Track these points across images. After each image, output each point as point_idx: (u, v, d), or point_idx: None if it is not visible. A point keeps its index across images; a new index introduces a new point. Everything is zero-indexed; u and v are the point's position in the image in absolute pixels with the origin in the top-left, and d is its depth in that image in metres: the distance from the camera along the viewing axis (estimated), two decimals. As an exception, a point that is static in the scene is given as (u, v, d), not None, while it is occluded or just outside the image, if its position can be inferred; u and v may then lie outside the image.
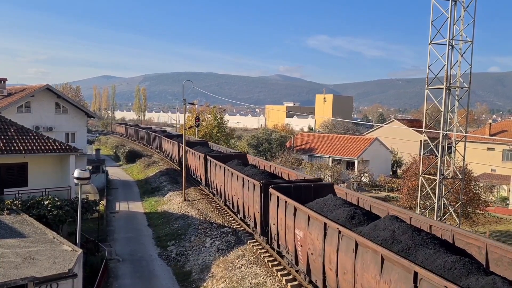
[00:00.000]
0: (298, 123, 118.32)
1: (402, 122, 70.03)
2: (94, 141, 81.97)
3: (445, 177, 24.86)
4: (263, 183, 19.00)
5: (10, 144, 20.79)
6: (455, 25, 23.73)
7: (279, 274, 17.17)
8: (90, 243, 22.07)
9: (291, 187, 18.05)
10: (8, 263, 12.32)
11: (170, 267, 21.19)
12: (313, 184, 18.74)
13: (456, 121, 25.12)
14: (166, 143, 50.23)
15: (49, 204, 19.42)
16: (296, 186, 18.27)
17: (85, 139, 37.41)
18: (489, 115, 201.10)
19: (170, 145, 47.48)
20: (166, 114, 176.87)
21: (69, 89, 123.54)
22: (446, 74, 23.32)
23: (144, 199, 35.96)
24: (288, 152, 51.95)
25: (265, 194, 18.65)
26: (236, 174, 23.21)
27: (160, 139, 54.21)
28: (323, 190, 18.36)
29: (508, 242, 26.74)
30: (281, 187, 17.91)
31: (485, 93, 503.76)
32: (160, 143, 54.32)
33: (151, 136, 61.55)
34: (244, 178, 21.65)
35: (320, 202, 16.12)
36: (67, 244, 14.24)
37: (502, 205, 41.70)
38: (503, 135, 50.72)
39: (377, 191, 46.31)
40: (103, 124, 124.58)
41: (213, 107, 68.23)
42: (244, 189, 21.68)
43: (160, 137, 54.79)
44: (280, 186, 18.07)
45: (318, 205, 15.84)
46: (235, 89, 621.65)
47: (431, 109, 28.58)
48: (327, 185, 19.45)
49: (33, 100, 32.53)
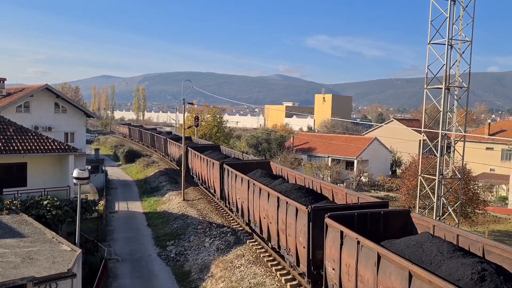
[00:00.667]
0: (298, 123, 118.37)
1: (401, 122, 70.13)
2: (93, 141, 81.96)
3: (444, 177, 24.89)
4: (312, 209, 14.20)
5: (9, 144, 20.78)
6: (454, 25, 23.76)
7: (278, 274, 17.18)
8: (89, 243, 22.08)
9: (354, 215, 13.32)
10: (7, 263, 12.31)
11: (170, 267, 21.20)
12: (382, 212, 13.83)
13: (455, 120, 25.14)
14: (172, 146, 45.86)
15: (48, 204, 19.42)
16: (361, 214, 13.44)
17: (84, 139, 37.41)
18: (488, 114, 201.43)
19: (177, 149, 42.34)
20: (165, 114, 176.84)
21: (68, 89, 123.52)
22: (445, 74, 23.34)
23: (144, 199, 35.95)
24: (288, 152, 51.96)
25: (315, 223, 13.99)
26: (267, 191, 18.25)
27: (166, 142, 49.90)
28: (396, 218, 13.80)
29: (507, 241, 26.79)
30: (341, 216, 13.14)
31: (484, 92, 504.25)
32: (165, 146, 50.23)
33: (156, 138, 57.50)
34: (280, 198, 16.75)
35: (412, 244, 11.32)
36: (66, 244, 14.23)
37: (501, 204, 41.74)
38: (502, 134, 50.77)
39: (376, 190, 46.34)
40: (103, 124, 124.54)
41: (212, 107, 68.20)
42: (280, 212, 16.74)
43: (165, 140, 50.56)
44: (340, 215, 13.23)
45: (410, 250, 11.13)
46: (234, 89, 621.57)
47: (430, 108, 28.59)
48: (402, 212, 14.33)
49: (32, 100, 32.52)
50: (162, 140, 52.84)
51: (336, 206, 15.81)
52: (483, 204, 30.18)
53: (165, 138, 51.02)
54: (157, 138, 56.76)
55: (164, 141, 51.16)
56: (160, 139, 54.04)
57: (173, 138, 47.51)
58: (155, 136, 58.14)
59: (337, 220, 12.68)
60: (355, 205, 15.28)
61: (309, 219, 14.13)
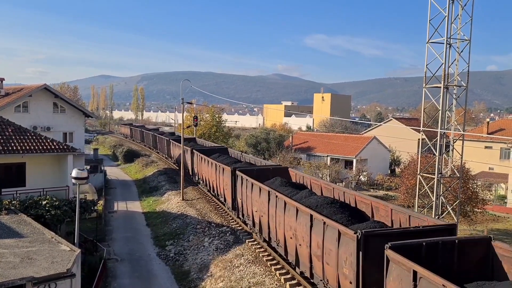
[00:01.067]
0: (297, 122, 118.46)
1: (400, 121, 70.24)
2: (92, 141, 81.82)
3: (443, 176, 24.90)
4: (363, 235, 11.07)
5: (8, 144, 20.75)
6: (452, 24, 23.76)
7: (277, 274, 17.17)
8: (88, 243, 22.06)
9: (422, 246, 10.24)
10: (6, 263, 12.29)
11: (169, 267, 21.18)
12: (457, 240, 10.74)
13: (454, 119, 25.16)
14: (175, 148, 43.08)
15: (47, 204, 19.40)
16: (430, 244, 10.36)
17: (83, 138, 37.34)
18: (487, 113, 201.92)
19: (181, 151, 37.19)
20: (164, 114, 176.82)
21: (67, 88, 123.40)
22: (444, 72, 23.33)
23: (143, 198, 35.93)
24: (287, 151, 51.99)
25: (366, 254, 11.03)
26: (295, 206, 15.22)
27: (169, 143, 47.10)
28: (473, 248, 10.71)
29: (506, 240, 26.82)
30: (406, 246, 10.15)
31: (483, 91, 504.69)
32: (168, 147, 47.83)
33: (158, 139, 54.92)
34: (315, 216, 13.72)
35: None
36: (65, 244, 14.22)
37: (500, 203, 41.81)
38: (501, 133, 50.85)
39: (375, 190, 46.38)
40: (101, 123, 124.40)
41: (211, 107, 68.19)
42: (314, 233, 13.64)
43: (168, 141, 47.80)
44: (405, 245, 10.18)
45: None
46: (233, 88, 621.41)
47: (429, 107, 28.62)
48: (482, 240, 10.94)
49: (30, 100, 32.45)
50: (164, 141, 50.49)
51: (392, 231, 12.21)
52: (482, 203, 30.23)
53: (167, 140, 48.40)
54: (159, 139, 54.32)
55: (166, 143, 48.78)
56: (163, 140, 51.59)
57: (176, 140, 44.09)
58: (157, 137, 55.62)
59: (401, 251, 9.85)
60: (416, 230, 12.02)
61: (359, 248, 11.14)
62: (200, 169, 31.92)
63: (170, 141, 45.84)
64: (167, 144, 48.46)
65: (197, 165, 32.95)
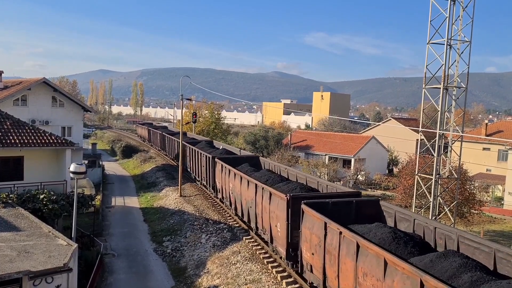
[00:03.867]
0: (295, 120, 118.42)
1: (399, 121, 70.28)
2: (90, 136, 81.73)
3: (440, 177, 24.96)
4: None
5: (6, 137, 20.69)
6: (453, 25, 23.77)
7: (274, 271, 17.21)
8: (85, 238, 22.06)
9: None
10: (3, 256, 12.29)
11: (166, 263, 21.20)
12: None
13: (453, 120, 25.20)
14: (224, 176, 24.96)
15: (44, 198, 19.37)
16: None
17: (82, 133, 37.29)
18: (485, 115, 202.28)
19: (235, 181, 22.87)
20: (163, 110, 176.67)
21: (66, 82, 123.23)
22: (443, 73, 23.36)
23: (140, 194, 35.92)
24: (285, 149, 51.99)
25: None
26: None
27: (214, 163, 27.45)
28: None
29: (501, 241, 26.93)
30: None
31: (481, 93, 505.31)
32: (213, 169, 27.91)
33: (197, 154, 32.26)
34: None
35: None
36: (62, 239, 14.21)
37: (497, 205, 41.93)
38: (499, 135, 50.94)
39: (373, 189, 46.45)
40: (100, 118, 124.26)
41: (210, 103, 68.13)
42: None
43: (211, 159, 28.00)
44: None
45: None
46: (233, 85, 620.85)
47: (428, 108, 28.65)
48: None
49: (29, 93, 32.38)
50: (205, 158, 29.70)
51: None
52: (479, 204, 30.32)
53: (211, 157, 28.26)
54: (199, 154, 31.79)
55: (207, 161, 29.18)
56: (203, 156, 30.55)
57: (225, 159, 26.71)
58: (190, 148, 34.53)
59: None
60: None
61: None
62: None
63: (216, 161, 26.63)
64: (209, 163, 28.76)
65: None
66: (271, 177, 21.08)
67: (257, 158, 28.48)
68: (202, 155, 30.62)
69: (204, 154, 30.19)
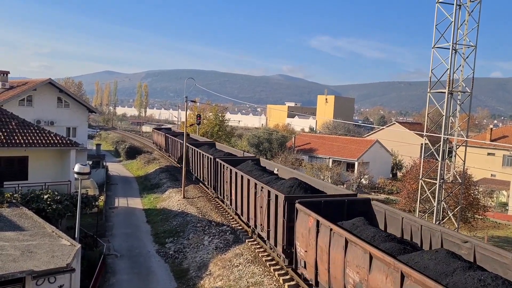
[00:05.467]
0: (299, 123, 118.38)
1: (403, 125, 70.03)
2: (94, 136, 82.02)
3: (445, 181, 24.85)
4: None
5: (11, 137, 20.80)
6: (459, 30, 23.71)
7: (276, 274, 17.17)
8: (88, 238, 22.09)
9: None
10: (7, 256, 12.33)
11: (168, 264, 21.20)
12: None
13: (457, 125, 25.11)
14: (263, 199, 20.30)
15: (48, 198, 19.43)
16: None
17: (86, 134, 37.46)
18: (490, 120, 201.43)
19: None
20: (167, 111, 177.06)
21: (71, 83, 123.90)
22: (448, 78, 23.29)
23: (144, 195, 35.97)
24: (289, 152, 51.96)
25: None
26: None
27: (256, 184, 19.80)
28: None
29: (506, 247, 26.74)
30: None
31: (486, 98, 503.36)
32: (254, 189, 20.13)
33: (226, 171, 24.81)
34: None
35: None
36: (66, 239, 14.25)
37: (501, 210, 41.68)
38: (504, 140, 50.69)
39: (377, 193, 46.31)
40: (104, 119, 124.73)
41: (214, 105, 68.23)
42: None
43: None
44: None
45: None
46: (237, 88, 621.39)
47: (432, 112, 28.57)
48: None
49: (35, 94, 32.56)
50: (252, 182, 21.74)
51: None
52: (483, 210, 30.16)
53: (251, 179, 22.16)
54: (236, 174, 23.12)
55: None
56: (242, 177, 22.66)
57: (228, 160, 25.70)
58: (222, 165, 25.54)
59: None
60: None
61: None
62: None
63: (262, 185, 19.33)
64: None
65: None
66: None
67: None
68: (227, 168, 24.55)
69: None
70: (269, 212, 17.51)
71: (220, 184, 26.89)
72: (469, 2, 23.52)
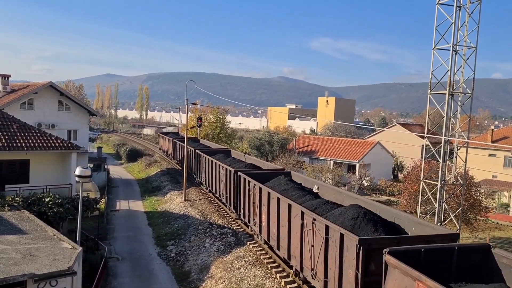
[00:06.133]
0: (300, 125, 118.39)
1: (404, 127, 70.01)
2: (96, 139, 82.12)
3: (446, 183, 24.82)
4: None
5: (12, 141, 20.84)
6: (459, 31, 23.72)
7: (278, 276, 17.16)
8: (90, 241, 22.10)
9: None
10: (8, 259, 12.34)
11: (169, 267, 21.20)
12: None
13: (458, 126, 25.08)
14: None
15: (50, 201, 19.45)
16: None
17: (87, 137, 37.50)
18: (491, 121, 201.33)
19: None
20: (168, 114, 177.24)
21: (72, 86, 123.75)
22: (449, 79, 23.28)
23: (145, 198, 35.99)
24: (290, 154, 51.95)
25: None
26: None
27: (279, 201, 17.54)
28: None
29: (508, 248, 26.69)
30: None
31: (487, 99, 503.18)
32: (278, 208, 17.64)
33: None
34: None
35: None
36: (67, 242, 14.25)
37: (503, 211, 41.61)
38: (505, 141, 50.62)
39: (378, 195, 46.26)
40: (105, 122, 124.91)
41: (215, 108, 68.29)
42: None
43: None
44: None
45: None
46: (238, 90, 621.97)
47: (433, 114, 28.53)
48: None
49: (36, 97, 32.62)
50: None
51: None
52: (485, 211, 30.11)
53: None
54: None
55: None
56: None
57: None
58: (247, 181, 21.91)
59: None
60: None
61: None
62: None
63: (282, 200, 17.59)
64: None
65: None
66: None
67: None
68: (255, 186, 20.84)
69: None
70: (327, 255, 13.03)
71: (243, 205, 22.28)
72: (469, 3, 23.52)
